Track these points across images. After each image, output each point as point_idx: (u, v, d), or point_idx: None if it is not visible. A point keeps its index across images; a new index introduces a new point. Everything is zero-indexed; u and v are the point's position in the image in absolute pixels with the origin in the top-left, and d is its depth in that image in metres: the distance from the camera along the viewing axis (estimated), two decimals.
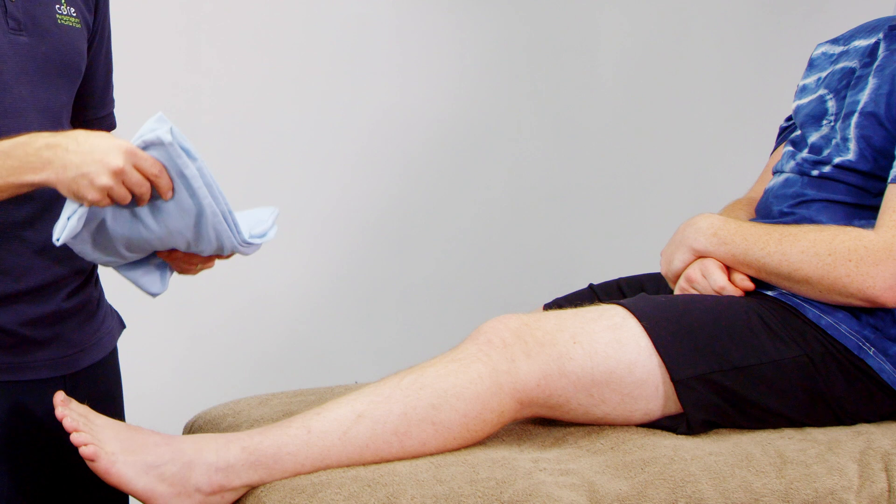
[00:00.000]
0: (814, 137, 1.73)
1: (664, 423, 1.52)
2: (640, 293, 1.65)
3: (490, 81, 3.03)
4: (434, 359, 1.48)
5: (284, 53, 2.83)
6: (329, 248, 2.92)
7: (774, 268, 1.58)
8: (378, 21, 2.91)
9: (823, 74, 1.81)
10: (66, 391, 1.54)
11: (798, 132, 1.80)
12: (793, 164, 1.74)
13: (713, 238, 1.64)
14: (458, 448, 1.45)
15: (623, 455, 1.43)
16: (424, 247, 3.02)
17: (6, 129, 1.49)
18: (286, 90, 2.84)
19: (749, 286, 1.62)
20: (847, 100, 1.70)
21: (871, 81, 1.67)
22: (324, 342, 2.94)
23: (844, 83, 1.73)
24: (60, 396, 1.38)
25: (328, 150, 2.89)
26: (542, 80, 3.08)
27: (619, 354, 1.48)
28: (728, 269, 1.63)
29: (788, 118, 1.95)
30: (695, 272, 1.65)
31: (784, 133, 1.96)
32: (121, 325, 1.77)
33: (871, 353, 1.54)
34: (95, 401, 1.63)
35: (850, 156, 1.65)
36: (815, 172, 1.69)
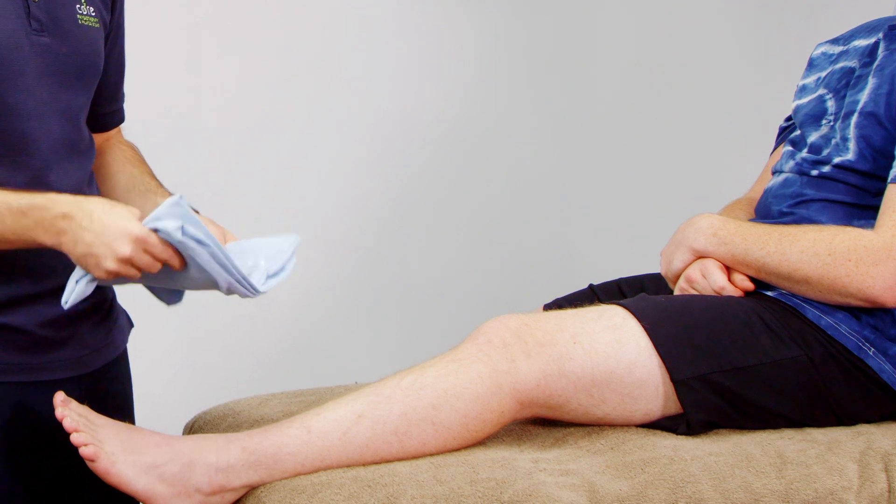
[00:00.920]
0: (813, 137, 1.73)
1: (664, 424, 1.52)
2: (641, 293, 1.65)
3: (490, 82, 3.03)
4: (434, 359, 1.47)
5: (284, 54, 2.83)
6: (329, 249, 2.91)
7: (774, 268, 1.57)
8: (378, 22, 2.91)
9: (823, 74, 1.81)
10: (83, 391, 1.55)
11: (798, 132, 1.80)
12: (792, 164, 1.74)
13: (713, 238, 1.64)
14: (458, 448, 1.45)
15: (623, 455, 1.43)
16: (424, 247, 3.02)
17: (28, 132, 1.49)
18: (286, 91, 2.83)
19: (749, 286, 1.62)
20: (847, 99, 1.70)
21: (871, 81, 1.67)
22: (324, 342, 2.94)
23: (844, 83, 1.73)
24: (60, 397, 1.38)
25: (328, 151, 2.89)
26: (542, 81, 3.08)
27: (619, 355, 1.48)
28: (728, 270, 1.63)
29: (788, 118, 1.95)
30: (695, 272, 1.65)
31: (784, 133, 1.96)
32: (130, 325, 1.77)
33: (871, 354, 1.54)
34: (111, 400, 1.64)
35: (850, 156, 1.64)
36: (815, 172, 1.68)
